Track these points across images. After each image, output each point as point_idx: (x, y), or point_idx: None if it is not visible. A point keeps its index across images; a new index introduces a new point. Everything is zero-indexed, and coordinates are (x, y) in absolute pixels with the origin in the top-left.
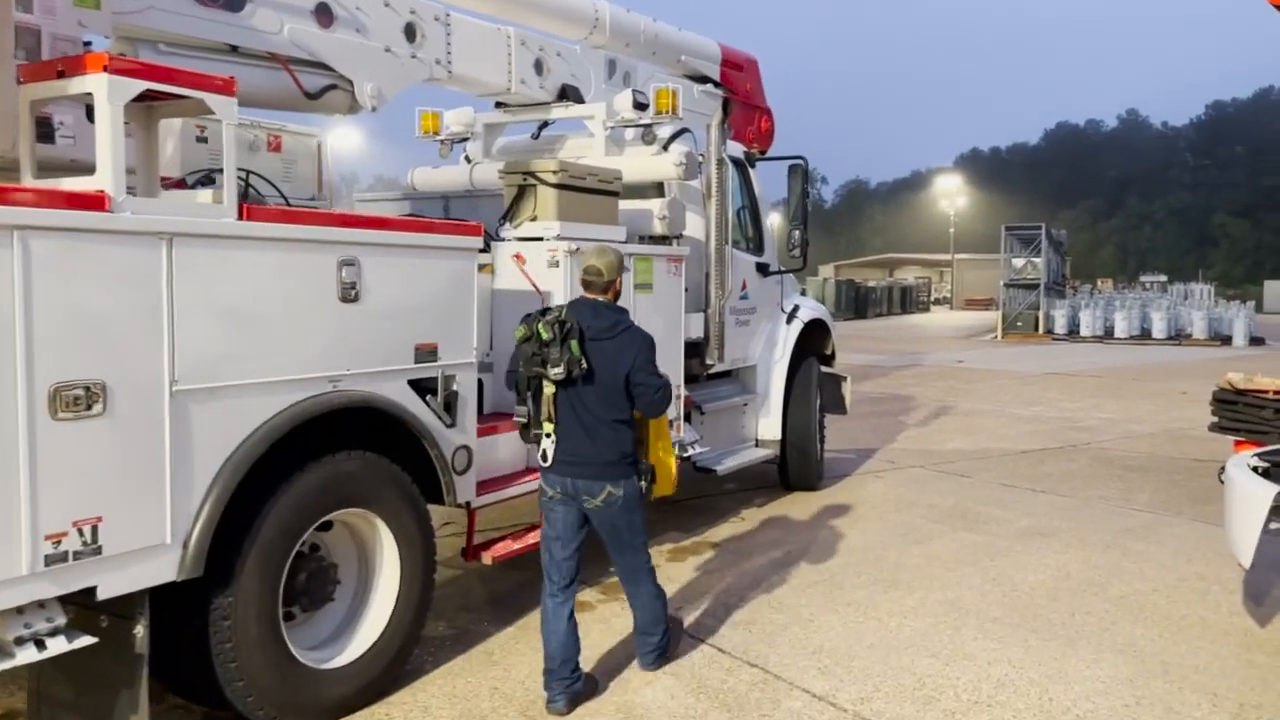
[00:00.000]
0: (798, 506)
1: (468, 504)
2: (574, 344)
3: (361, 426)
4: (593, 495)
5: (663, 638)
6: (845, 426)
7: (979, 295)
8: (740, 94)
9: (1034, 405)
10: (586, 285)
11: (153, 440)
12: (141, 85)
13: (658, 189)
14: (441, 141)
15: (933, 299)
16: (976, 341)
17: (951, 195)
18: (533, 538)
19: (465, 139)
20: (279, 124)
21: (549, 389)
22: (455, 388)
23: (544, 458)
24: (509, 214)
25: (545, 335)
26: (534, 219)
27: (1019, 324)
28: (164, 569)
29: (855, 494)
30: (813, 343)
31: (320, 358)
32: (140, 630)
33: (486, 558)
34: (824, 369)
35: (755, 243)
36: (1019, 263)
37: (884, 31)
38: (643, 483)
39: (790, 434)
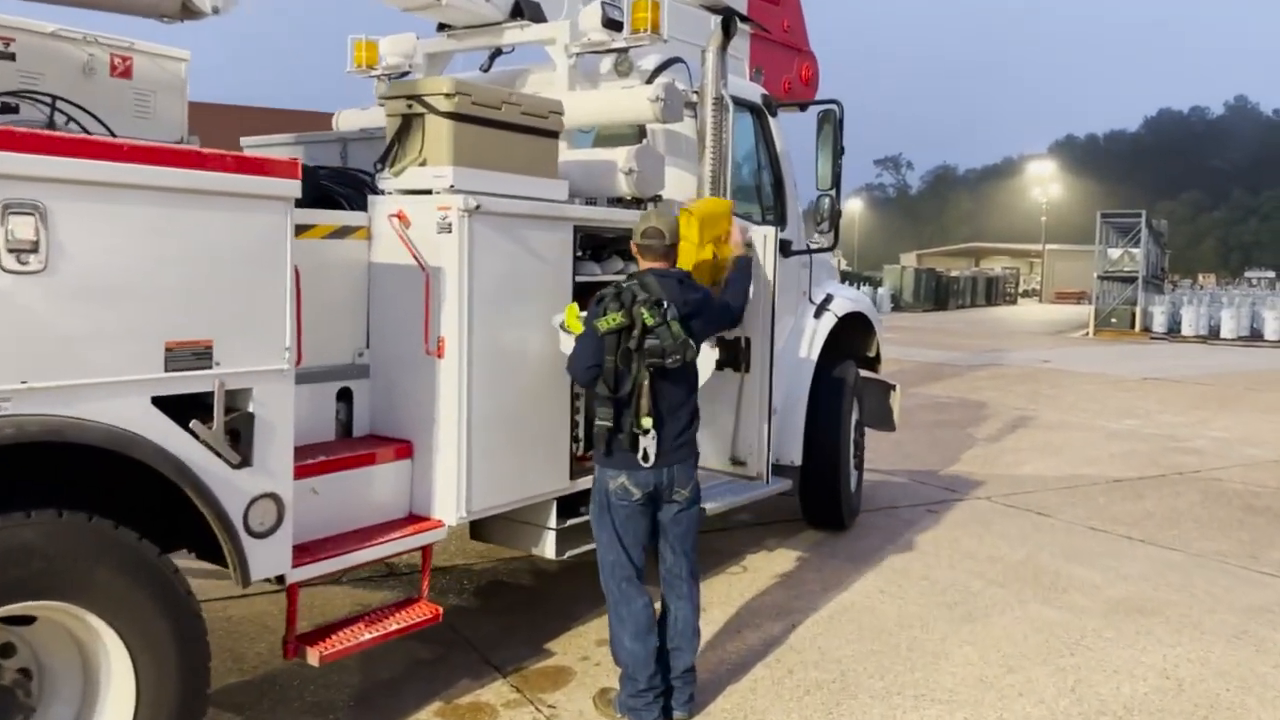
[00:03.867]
0: (820, 553)
1: (279, 579)
2: (676, 325)
3: (83, 469)
4: (683, 487)
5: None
6: (900, 440)
7: (1070, 288)
8: (775, 32)
9: (1129, 418)
10: (645, 250)
11: None
12: None
13: (640, 136)
14: (378, 77)
15: (1020, 291)
16: (1065, 339)
17: (1044, 183)
18: (397, 624)
19: (406, 73)
20: (128, 41)
21: (646, 380)
22: (250, 408)
23: (645, 458)
24: (388, 156)
25: (651, 320)
26: (422, 163)
27: (1113, 320)
28: None
29: (898, 537)
30: (851, 342)
31: None
32: None
33: (313, 655)
34: (866, 374)
35: (775, 213)
36: (1115, 253)
37: (982, 13)
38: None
39: (814, 457)
